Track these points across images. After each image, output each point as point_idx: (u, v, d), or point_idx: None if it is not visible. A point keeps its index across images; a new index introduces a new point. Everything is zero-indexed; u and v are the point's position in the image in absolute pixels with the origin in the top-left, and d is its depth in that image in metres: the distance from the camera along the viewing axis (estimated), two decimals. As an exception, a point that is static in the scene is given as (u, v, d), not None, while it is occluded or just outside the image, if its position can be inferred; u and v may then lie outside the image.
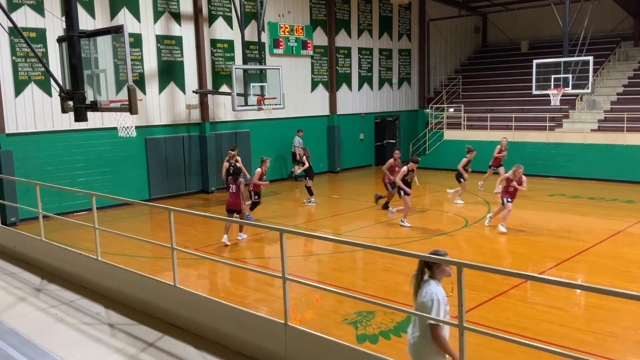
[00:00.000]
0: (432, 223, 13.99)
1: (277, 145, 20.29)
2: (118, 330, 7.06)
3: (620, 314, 7.59)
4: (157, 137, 17.10)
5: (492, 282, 8.73)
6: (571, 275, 9.55)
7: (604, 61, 23.22)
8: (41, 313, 7.71)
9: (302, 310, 8.07)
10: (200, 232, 13.15)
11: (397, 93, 25.27)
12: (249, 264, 10.63)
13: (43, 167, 14.74)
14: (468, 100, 25.17)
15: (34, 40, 14.30)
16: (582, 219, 13.84)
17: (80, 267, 8.85)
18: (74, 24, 8.07)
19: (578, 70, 18.58)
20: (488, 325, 7.09)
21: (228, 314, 6.47)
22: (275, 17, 19.95)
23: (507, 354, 6.34)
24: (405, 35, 25.21)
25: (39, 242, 9.77)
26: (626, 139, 19.24)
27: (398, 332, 7.07)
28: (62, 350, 6.45)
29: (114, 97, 8.75)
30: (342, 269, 10.39)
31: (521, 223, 13.40)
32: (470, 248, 11.39)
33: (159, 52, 16.96)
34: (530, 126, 21.84)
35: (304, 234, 7.06)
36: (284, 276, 5.73)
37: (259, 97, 16.81)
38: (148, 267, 10.20)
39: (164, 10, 17.00)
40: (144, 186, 16.92)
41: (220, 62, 18.55)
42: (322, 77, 21.88)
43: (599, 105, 21.49)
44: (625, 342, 6.92)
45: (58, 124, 15.06)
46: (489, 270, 4.62)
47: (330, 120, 22.26)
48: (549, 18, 22.56)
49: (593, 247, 11.03)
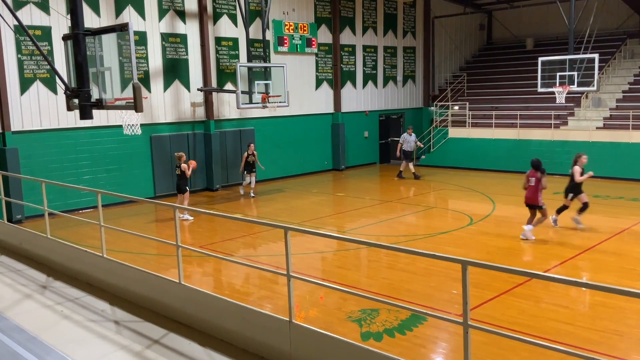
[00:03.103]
0: (437, 221, 13.98)
1: (281, 142, 20.30)
2: (123, 327, 7.08)
3: (626, 312, 7.58)
4: (162, 135, 17.13)
5: (496, 280, 8.72)
6: (576, 273, 9.53)
7: (610, 59, 23.10)
8: (47, 310, 7.74)
9: (307, 308, 8.08)
10: (205, 230, 13.17)
11: (402, 91, 25.23)
12: (254, 261, 10.65)
13: (48, 165, 14.80)
14: (473, 97, 25.10)
15: (39, 38, 14.33)
16: (587, 217, 13.77)
17: (85, 265, 8.88)
18: (79, 22, 8.09)
19: (583, 68, 18.50)
20: (493, 323, 7.08)
21: (233, 311, 6.48)
22: (279, 14, 19.95)
23: (511, 352, 6.33)
24: (410, 32, 25.16)
25: (45, 239, 9.80)
26: (632, 137, 19.15)
27: (402, 330, 7.08)
28: (67, 347, 6.47)
29: (119, 94, 8.77)
30: (347, 266, 10.40)
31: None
32: (475, 246, 11.38)
33: (163, 50, 16.99)
34: (536, 124, 21.77)
35: (308, 232, 7.07)
36: (288, 274, 5.73)
37: (263, 94, 16.82)
38: (153, 264, 10.23)
39: (168, 8, 17.01)
40: (149, 184, 16.96)
41: (225, 60, 18.56)
42: (327, 74, 21.86)
43: (604, 103, 21.40)
44: (630, 340, 6.90)
45: (63, 122, 15.11)
46: (494, 268, 4.61)
47: (335, 117, 22.25)
48: (555, 15, 22.47)
49: (598, 245, 11.00)
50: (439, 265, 9.42)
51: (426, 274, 9.39)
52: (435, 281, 9.10)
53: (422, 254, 5.04)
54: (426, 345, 6.86)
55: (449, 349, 6.70)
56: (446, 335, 7.03)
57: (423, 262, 9.72)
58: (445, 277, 9.12)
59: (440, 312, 7.11)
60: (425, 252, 5.04)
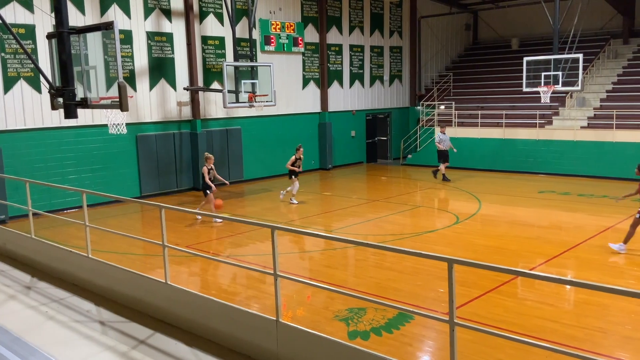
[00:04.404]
0: (423, 220, 14.05)
1: (268, 142, 20.27)
2: (109, 328, 7.04)
3: (609, 309, 7.66)
4: (148, 134, 17.03)
5: (482, 279, 8.78)
6: (561, 271, 9.62)
7: (594, 59, 23.35)
8: (31, 311, 7.67)
9: (294, 307, 8.07)
10: (191, 229, 13.12)
11: (389, 90, 25.30)
12: (241, 261, 10.63)
13: (33, 165, 14.65)
14: (459, 97, 25.25)
15: (23, 37, 14.17)
16: (571, 216, 13.94)
17: (70, 265, 8.81)
18: (64, 20, 8.04)
19: (568, 68, 18.68)
20: (479, 321, 7.13)
21: (220, 311, 6.47)
22: (266, 13, 19.91)
23: (497, 349, 6.38)
24: (397, 32, 25.24)
25: (29, 239, 9.71)
26: (615, 136, 19.38)
27: (389, 329, 7.10)
28: (52, 348, 6.42)
29: (104, 94, 8.73)
30: (334, 265, 10.41)
31: (512, 220, 13.49)
32: (461, 244, 11.44)
33: (149, 48, 16.89)
34: (521, 123, 21.93)
35: (295, 231, 7.08)
36: (275, 273, 5.73)
37: (250, 94, 16.79)
38: (139, 264, 10.17)
39: (154, 6, 16.92)
40: (135, 183, 16.86)
41: (212, 59, 18.49)
42: (314, 74, 21.87)
43: (588, 103, 21.62)
44: (614, 337, 6.98)
45: (48, 121, 14.96)
46: (480, 266, 4.65)
47: (322, 117, 22.26)
48: (540, 16, 22.64)
49: (582, 243, 11.11)
50: (426, 264, 9.46)
51: (413, 273, 9.43)
52: (422, 280, 9.14)
53: (409, 252, 5.06)
54: (413, 343, 6.89)
55: (436, 347, 6.73)
56: (433, 334, 7.06)
57: (410, 261, 9.76)
58: (431, 276, 9.17)
59: (426, 311, 7.15)
60: (412, 251, 5.06)
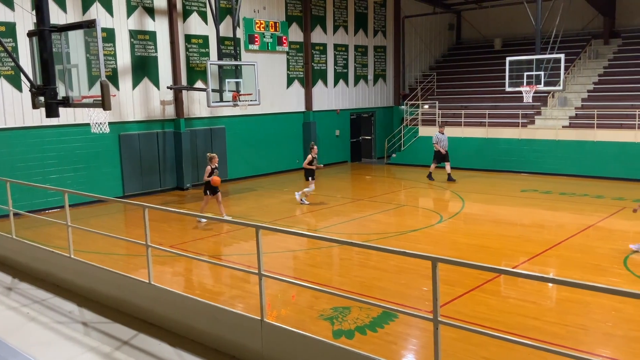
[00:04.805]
0: (407, 218, 14.10)
1: (253, 141, 20.22)
2: (92, 329, 6.98)
3: (591, 306, 7.75)
4: (131, 134, 16.90)
5: (466, 277, 8.83)
6: (543, 269, 9.71)
7: (575, 59, 23.62)
8: (12, 312, 7.58)
9: (278, 307, 8.07)
10: (175, 229, 13.04)
11: (373, 89, 25.36)
12: (225, 260, 10.59)
13: (14, 164, 14.46)
14: (442, 97, 25.40)
15: (3, 35, 13.97)
16: (553, 214, 14.08)
17: (52, 265, 8.72)
18: (45, 18, 7.95)
19: (550, 68, 18.88)
20: (462, 319, 7.17)
21: (204, 310, 6.44)
22: (250, 12, 19.86)
23: (481, 347, 6.43)
24: (381, 32, 25.31)
25: (10, 240, 9.60)
26: (596, 136, 19.63)
27: (374, 327, 7.12)
28: (34, 349, 6.35)
29: (86, 92, 8.64)
30: (318, 265, 10.41)
31: (495, 218, 13.60)
32: (445, 243, 11.51)
33: (132, 47, 16.75)
34: (504, 123, 22.11)
35: (279, 230, 7.06)
36: (260, 272, 5.72)
37: (234, 93, 16.73)
38: (122, 264, 10.09)
39: (137, 4, 16.78)
40: (118, 183, 16.72)
41: (195, 58, 18.40)
42: (298, 73, 21.85)
43: (570, 102, 21.87)
44: (595, 334, 7.07)
45: (29, 120, 14.78)
46: (463, 265, 4.68)
47: (306, 116, 22.24)
48: (522, 16, 22.85)
49: (564, 241, 11.23)
50: (410, 263, 9.50)
51: (397, 272, 9.47)
52: (406, 278, 9.18)
53: (393, 251, 5.07)
54: (397, 342, 6.91)
55: (420, 345, 6.76)
56: (417, 332, 7.10)
57: (394, 260, 9.79)
58: (416, 275, 9.21)
59: (411, 309, 7.19)
60: (396, 250, 5.08)
